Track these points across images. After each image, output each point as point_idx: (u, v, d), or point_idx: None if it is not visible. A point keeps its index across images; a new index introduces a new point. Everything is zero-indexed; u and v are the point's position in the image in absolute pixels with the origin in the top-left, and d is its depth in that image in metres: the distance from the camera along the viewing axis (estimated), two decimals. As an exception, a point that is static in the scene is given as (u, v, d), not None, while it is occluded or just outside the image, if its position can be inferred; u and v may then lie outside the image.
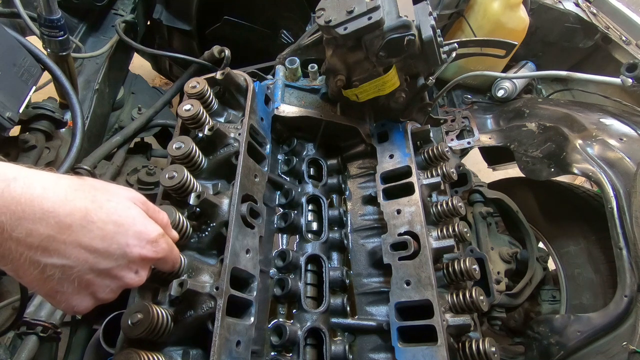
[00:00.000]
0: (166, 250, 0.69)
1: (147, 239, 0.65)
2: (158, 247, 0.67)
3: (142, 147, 2.12)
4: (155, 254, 0.67)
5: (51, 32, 1.49)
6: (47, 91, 1.69)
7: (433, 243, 1.07)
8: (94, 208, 0.59)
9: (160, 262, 0.72)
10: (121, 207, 0.63)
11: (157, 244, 0.67)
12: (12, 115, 1.32)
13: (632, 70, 1.71)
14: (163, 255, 0.69)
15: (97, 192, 0.62)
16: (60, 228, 0.56)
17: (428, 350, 0.91)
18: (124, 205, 0.64)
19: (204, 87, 1.10)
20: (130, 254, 0.63)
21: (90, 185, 0.62)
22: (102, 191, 0.63)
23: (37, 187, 0.55)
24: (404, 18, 1.07)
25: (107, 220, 0.60)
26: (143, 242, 0.64)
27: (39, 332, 1.13)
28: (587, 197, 1.90)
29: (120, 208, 0.63)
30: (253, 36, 2.36)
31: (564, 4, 2.46)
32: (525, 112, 2.02)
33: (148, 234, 0.65)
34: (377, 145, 1.31)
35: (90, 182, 0.63)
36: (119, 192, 0.66)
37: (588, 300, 1.70)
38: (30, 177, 0.56)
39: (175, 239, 0.77)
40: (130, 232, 0.63)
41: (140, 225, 0.65)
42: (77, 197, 0.59)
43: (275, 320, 1.02)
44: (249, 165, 1.04)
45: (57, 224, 0.56)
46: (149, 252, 0.65)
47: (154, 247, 0.66)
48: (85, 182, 0.62)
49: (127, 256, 0.63)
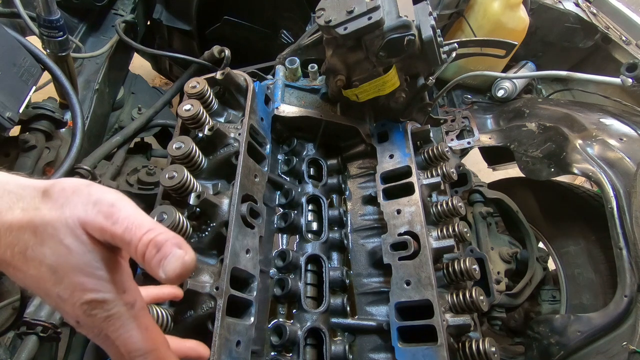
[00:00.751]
0: (98, 323, 0.49)
1: (78, 300, 0.48)
2: (89, 313, 0.48)
3: (142, 147, 2.12)
4: (86, 319, 0.49)
5: (50, 33, 1.49)
6: (47, 91, 1.69)
7: (433, 243, 1.07)
8: (33, 244, 0.47)
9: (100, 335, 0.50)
10: (60, 251, 0.47)
11: (88, 309, 0.48)
12: (12, 115, 1.32)
13: (632, 70, 1.72)
14: (96, 326, 0.49)
15: (39, 222, 0.47)
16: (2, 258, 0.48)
17: (428, 350, 0.91)
18: (65, 244, 0.48)
19: (204, 87, 1.10)
20: (64, 304, 0.49)
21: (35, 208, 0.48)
22: (47, 218, 0.48)
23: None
24: (404, 18, 1.07)
25: (43, 264, 0.47)
26: (74, 300, 0.48)
27: (39, 332, 1.13)
28: (587, 197, 1.90)
29: (59, 251, 0.47)
30: (253, 36, 2.36)
31: (564, 4, 2.46)
32: (525, 112, 2.02)
33: (80, 293, 0.48)
34: (377, 145, 1.31)
35: (37, 204, 0.49)
36: (67, 217, 0.48)
37: (588, 300, 1.70)
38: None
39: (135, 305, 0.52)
40: (63, 283, 0.48)
41: (75, 280, 0.48)
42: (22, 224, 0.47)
43: (275, 320, 1.02)
44: (249, 165, 1.04)
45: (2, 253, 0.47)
46: (80, 315, 0.49)
47: (84, 310, 0.48)
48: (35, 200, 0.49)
49: (62, 305, 0.49)
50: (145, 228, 0.48)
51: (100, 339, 0.51)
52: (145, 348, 0.51)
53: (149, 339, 0.51)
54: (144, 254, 0.47)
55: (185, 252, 0.48)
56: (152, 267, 0.48)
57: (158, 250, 0.47)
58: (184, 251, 0.49)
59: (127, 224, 0.48)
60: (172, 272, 0.47)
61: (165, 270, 0.47)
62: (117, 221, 0.48)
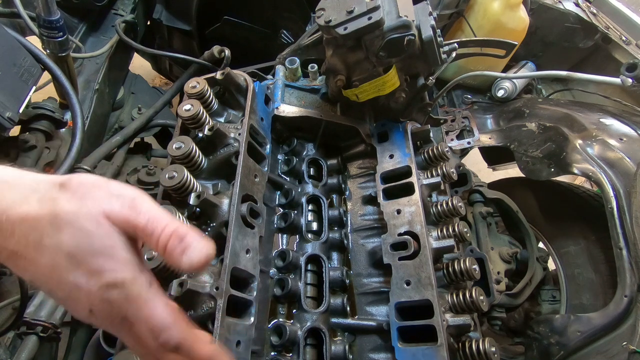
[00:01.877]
0: (119, 303, 0.50)
1: (98, 282, 0.49)
2: (108, 296, 0.50)
3: (142, 147, 2.12)
4: (103, 303, 0.50)
5: (50, 33, 1.49)
6: (47, 91, 1.69)
7: (433, 243, 1.07)
8: (50, 232, 0.49)
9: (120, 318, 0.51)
10: (81, 235, 0.49)
11: (110, 291, 0.49)
12: (12, 115, 1.32)
13: (632, 70, 1.72)
14: (116, 306, 0.50)
15: (60, 211, 0.49)
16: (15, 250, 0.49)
17: (428, 350, 0.91)
18: (87, 229, 0.50)
19: (204, 87, 1.10)
20: (77, 291, 0.50)
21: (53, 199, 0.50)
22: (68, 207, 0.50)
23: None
24: (404, 18, 1.07)
25: (61, 250, 0.49)
26: (92, 283, 0.49)
27: (39, 332, 1.13)
28: (587, 197, 1.90)
29: (79, 236, 0.49)
30: (253, 36, 2.36)
31: (564, 4, 2.46)
32: (525, 112, 2.02)
33: (101, 275, 0.49)
34: (377, 145, 1.31)
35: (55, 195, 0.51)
36: (90, 207, 0.50)
37: (588, 300, 1.70)
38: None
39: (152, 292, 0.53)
40: (82, 268, 0.49)
41: (96, 263, 0.50)
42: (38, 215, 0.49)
43: (275, 320, 1.02)
44: (249, 165, 1.04)
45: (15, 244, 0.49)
46: (97, 299, 0.50)
47: (103, 293, 0.50)
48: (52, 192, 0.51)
49: (75, 293, 0.50)
50: (166, 220, 0.53)
51: (116, 325, 0.52)
52: (170, 321, 0.52)
53: (172, 313, 0.53)
54: (166, 244, 0.52)
55: (207, 244, 0.53)
56: (175, 255, 0.52)
57: (181, 240, 0.52)
58: (206, 242, 0.53)
59: (150, 216, 0.52)
60: (196, 260, 0.52)
61: (190, 259, 0.51)
62: (140, 213, 0.52)
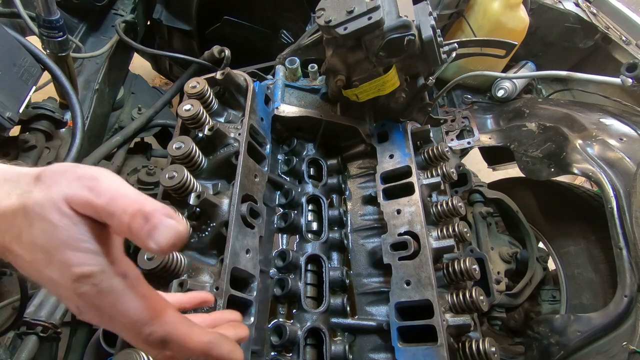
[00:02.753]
0: (91, 298, 0.46)
1: (68, 277, 0.45)
2: (80, 290, 0.45)
3: (142, 147, 2.12)
4: (81, 299, 0.46)
5: (50, 33, 1.49)
6: (47, 91, 1.69)
7: (433, 243, 1.07)
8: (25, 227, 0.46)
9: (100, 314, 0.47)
10: (47, 229, 0.45)
11: (79, 285, 0.45)
12: (12, 115, 1.32)
13: (632, 70, 1.72)
14: (90, 302, 0.46)
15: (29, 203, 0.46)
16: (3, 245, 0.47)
17: (428, 350, 0.91)
18: (51, 221, 0.45)
19: (204, 87, 1.10)
20: (58, 289, 0.47)
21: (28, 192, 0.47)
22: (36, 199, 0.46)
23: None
24: (404, 18, 1.07)
25: (36, 245, 0.46)
26: (64, 279, 0.45)
27: (39, 332, 1.13)
28: (587, 197, 1.90)
29: (46, 230, 0.45)
30: (253, 36, 2.36)
31: (564, 4, 2.46)
32: (525, 112, 2.02)
33: (68, 270, 0.45)
34: (377, 145, 1.31)
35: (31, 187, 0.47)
36: (53, 195, 0.46)
37: (588, 300, 1.70)
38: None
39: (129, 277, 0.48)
40: (53, 263, 0.45)
41: (63, 256, 0.45)
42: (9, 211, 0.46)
43: (275, 320, 1.02)
44: (249, 165, 1.04)
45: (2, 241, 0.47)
46: (73, 295, 0.46)
47: (76, 288, 0.45)
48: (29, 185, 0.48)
49: (58, 290, 0.47)
50: (130, 199, 0.46)
51: (105, 321, 0.48)
52: (148, 316, 0.47)
53: (150, 306, 0.48)
54: (130, 224, 0.45)
55: (177, 222, 0.46)
56: (141, 238, 0.44)
57: (147, 220, 0.45)
58: (176, 220, 0.46)
59: (111, 195, 0.46)
60: (164, 241, 0.44)
61: (157, 241, 0.44)
62: (100, 193, 0.46)
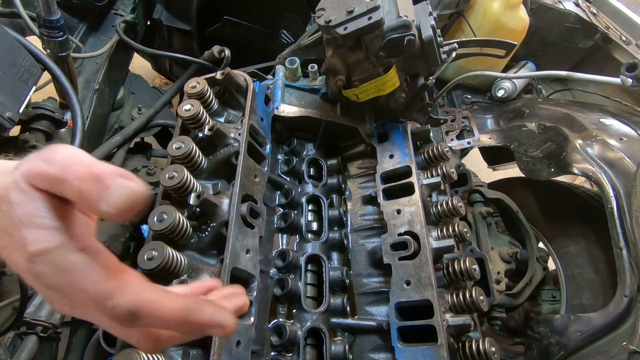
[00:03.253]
0: (46, 276, 0.42)
1: (24, 256, 0.42)
2: (34, 270, 0.42)
3: (142, 147, 2.12)
4: (35, 281, 0.43)
5: (51, 33, 1.49)
6: (47, 91, 1.69)
7: (433, 243, 1.07)
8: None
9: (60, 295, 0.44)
10: (5, 208, 0.43)
11: (33, 264, 0.42)
12: (12, 115, 1.32)
13: (632, 70, 1.72)
14: (45, 281, 0.43)
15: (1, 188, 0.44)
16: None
17: (428, 350, 0.91)
18: (9, 199, 0.43)
19: (204, 87, 1.10)
20: (21, 274, 0.44)
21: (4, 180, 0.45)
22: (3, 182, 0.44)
23: None
24: (404, 18, 1.07)
25: (2, 229, 0.43)
26: (20, 260, 0.43)
27: (39, 332, 1.13)
28: (587, 197, 1.90)
29: (5, 209, 0.43)
30: (253, 36, 2.36)
31: (564, 4, 2.46)
32: (525, 112, 2.02)
33: (24, 248, 0.42)
34: (377, 145, 1.31)
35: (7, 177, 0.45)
36: (15, 174, 0.44)
37: (588, 300, 1.70)
38: None
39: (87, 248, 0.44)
40: (12, 244, 0.43)
41: (19, 235, 0.42)
42: None
43: (275, 320, 1.02)
44: (249, 165, 1.04)
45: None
46: (28, 276, 0.43)
47: (30, 267, 0.42)
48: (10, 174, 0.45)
49: (24, 276, 0.44)
50: (83, 163, 0.42)
51: (63, 304, 0.45)
52: (110, 288, 0.43)
53: (112, 277, 0.43)
54: (80, 188, 0.41)
55: (132, 181, 0.42)
56: (91, 201, 0.40)
57: (97, 181, 0.41)
58: (132, 180, 0.42)
59: (64, 163, 0.42)
60: (117, 201, 0.40)
61: (109, 202, 0.40)
62: (53, 162, 0.42)
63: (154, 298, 0.44)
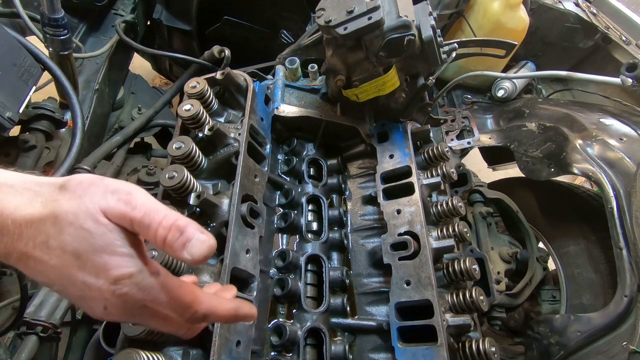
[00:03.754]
0: (134, 295, 0.52)
1: (106, 279, 0.51)
2: (120, 291, 0.51)
3: (142, 147, 2.12)
4: (116, 299, 0.52)
5: (55, 32, 1.48)
6: (47, 91, 1.69)
7: (433, 243, 1.07)
8: (54, 233, 0.50)
9: (142, 309, 0.55)
10: (82, 235, 0.50)
11: (118, 286, 0.51)
12: (12, 115, 1.32)
13: (632, 70, 1.71)
14: (132, 299, 0.52)
15: (59, 211, 0.50)
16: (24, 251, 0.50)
17: (428, 350, 0.91)
18: (86, 228, 0.50)
19: (204, 87, 1.10)
20: (89, 290, 0.51)
21: (54, 200, 0.51)
22: (67, 207, 0.50)
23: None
24: (404, 18, 1.07)
25: (66, 251, 0.50)
26: (101, 281, 0.50)
27: (39, 332, 1.13)
28: (587, 197, 1.90)
29: (80, 236, 0.50)
30: (253, 36, 2.36)
31: (564, 4, 2.45)
32: (525, 112, 2.02)
33: (106, 272, 0.51)
34: (377, 145, 1.31)
35: (56, 196, 0.51)
36: (87, 205, 0.51)
37: (588, 300, 1.70)
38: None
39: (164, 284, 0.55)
40: (88, 267, 0.50)
41: (100, 260, 0.50)
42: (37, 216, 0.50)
43: (275, 320, 1.02)
44: (249, 165, 1.04)
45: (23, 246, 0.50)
46: (109, 294, 0.51)
47: (114, 288, 0.51)
48: (53, 194, 0.52)
49: (88, 291, 0.51)
50: (163, 213, 0.52)
51: (135, 315, 0.55)
52: (191, 299, 0.56)
53: (187, 293, 0.57)
54: (165, 237, 0.51)
55: (208, 236, 0.53)
56: (175, 248, 0.52)
57: (181, 233, 0.52)
58: (207, 236, 0.53)
59: (146, 209, 0.52)
60: (198, 254, 0.52)
61: (192, 253, 0.51)
62: (136, 207, 0.52)
63: (216, 304, 0.60)
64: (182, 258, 0.52)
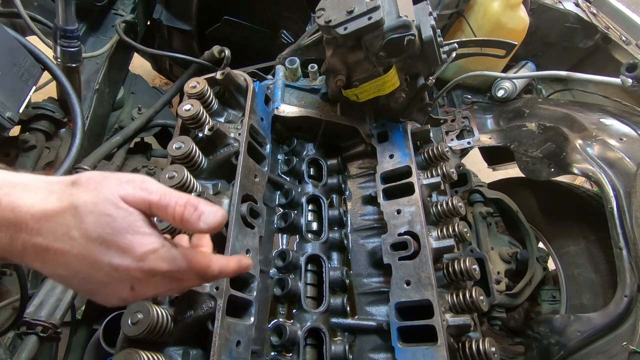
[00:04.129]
0: (161, 267, 0.58)
1: (133, 257, 0.55)
2: (148, 265, 0.56)
3: (142, 147, 2.12)
4: (144, 274, 0.57)
5: (70, 43, 1.47)
6: (47, 91, 1.69)
7: (433, 243, 1.07)
8: (75, 224, 0.53)
9: (167, 279, 0.60)
10: (104, 220, 0.54)
11: (146, 262, 0.56)
12: (12, 115, 1.32)
13: (632, 70, 1.71)
14: (159, 271, 0.58)
15: (78, 202, 0.54)
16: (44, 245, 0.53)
17: (428, 350, 0.91)
18: (108, 214, 0.54)
19: (204, 87, 1.10)
20: (116, 271, 0.55)
21: (70, 194, 0.55)
22: (85, 198, 0.54)
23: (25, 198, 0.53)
24: (404, 18, 1.07)
25: (89, 238, 0.53)
26: (128, 260, 0.55)
27: (39, 332, 1.13)
28: (587, 197, 1.89)
29: (103, 221, 0.54)
30: (253, 36, 2.36)
31: (564, 4, 2.45)
32: (525, 112, 2.02)
33: (133, 250, 0.55)
34: (377, 145, 1.31)
35: (71, 191, 0.55)
36: (105, 194, 0.55)
37: (588, 300, 1.70)
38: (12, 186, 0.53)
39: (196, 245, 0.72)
40: (113, 249, 0.54)
41: (125, 240, 0.55)
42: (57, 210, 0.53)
43: (275, 320, 1.02)
44: (249, 165, 1.04)
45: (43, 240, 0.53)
46: (137, 271, 0.56)
47: (142, 264, 0.56)
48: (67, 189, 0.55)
49: (115, 273, 0.56)
50: (176, 195, 0.59)
51: (160, 286, 0.61)
52: (207, 261, 0.64)
53: (204, 257, 0.64)
54: (182, 213, 0.58)
55: (218, 208, 0.61)
56: (193, 222, 0.58)
57: (195, 208, 0.59)
58: (218, 207, 0.61)
59: (161, 192, 0.59)
60: (213, 222, 0.59)
61: (207, 222, 0.58)
62: (152, 192, 0.58)
63: (225, 262, 0.68)
64: (200, 229, 0.59)
